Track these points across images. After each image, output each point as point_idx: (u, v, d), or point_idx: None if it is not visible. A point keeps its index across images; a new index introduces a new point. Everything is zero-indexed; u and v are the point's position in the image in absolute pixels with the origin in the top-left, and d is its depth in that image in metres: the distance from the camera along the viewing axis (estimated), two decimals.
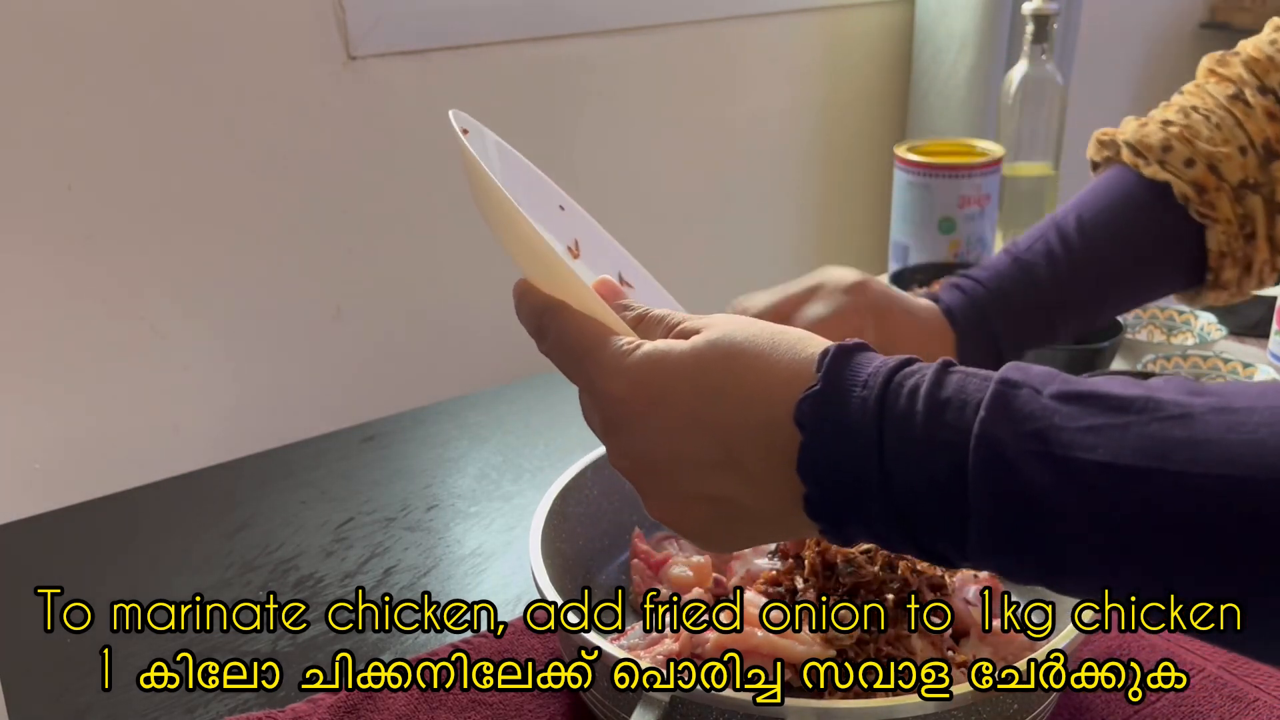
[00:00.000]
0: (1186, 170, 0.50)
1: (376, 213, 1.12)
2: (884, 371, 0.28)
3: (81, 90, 0.93)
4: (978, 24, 1.34)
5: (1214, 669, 0.45)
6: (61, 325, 0.97)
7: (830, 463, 0.27)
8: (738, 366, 0.29)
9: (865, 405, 0.27)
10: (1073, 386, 0.25)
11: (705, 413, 0.29)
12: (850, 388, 0.27)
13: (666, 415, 0.30)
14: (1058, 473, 0.24)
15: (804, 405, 0.27)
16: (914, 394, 0.27)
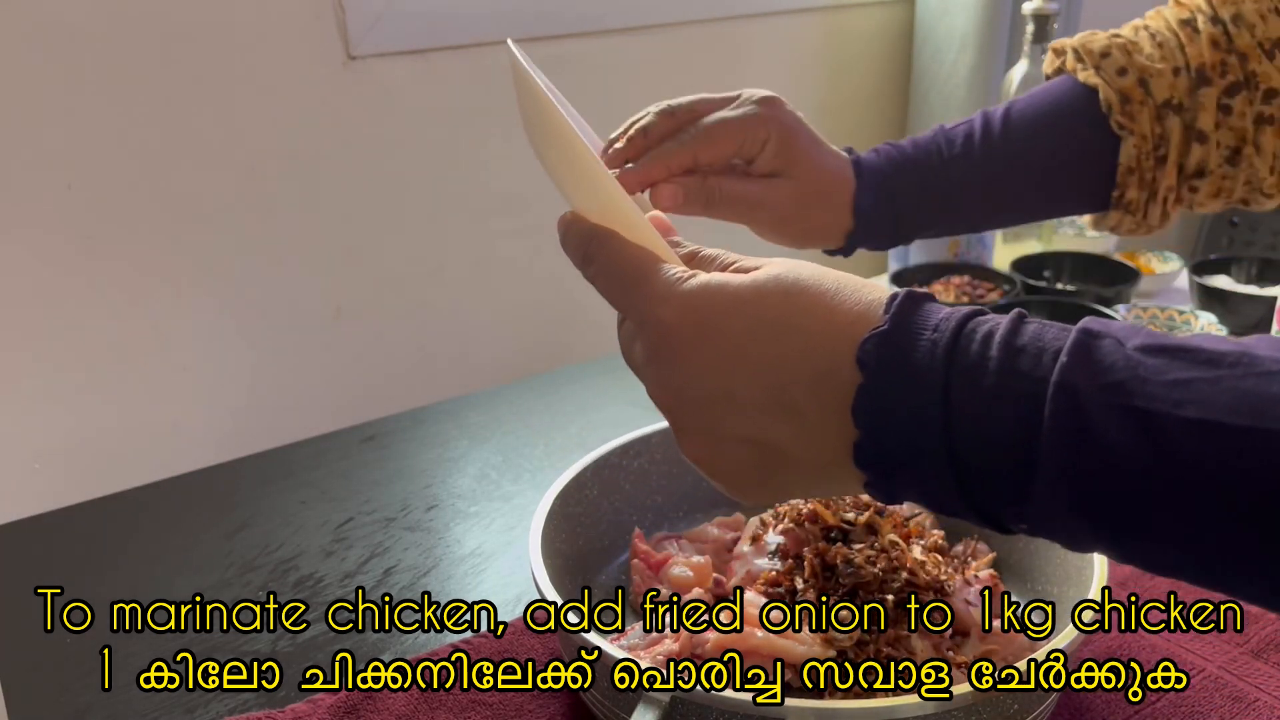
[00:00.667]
0: (1117, 78, 0.50)
1: (376, 212, 1.12)
2: (956, 318, 0.26)
3: (81, 90, 0.92)
4: (978, 24, 1.34)
5: (1214, 669, 0.45)
6: (61, 325, 0.97)
7: (889, 407, 0.25)
8: (800, 304, 0.27)
9: (934, 349, 0.25)
10: (1159, 340, 0.24)
11: (761, 349, 0.27)
12: (919, 331, 0.26)
13: (718, 349, 0.28)
14: (1142, 428, 0.22)
15: (868, 345, 0.26)
16: (987, 340, 0.25)
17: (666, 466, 0.54)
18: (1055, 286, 0.88)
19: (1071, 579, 0.45)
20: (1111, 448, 0.23)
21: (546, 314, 1.27)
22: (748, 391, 0.27)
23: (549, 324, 1.27)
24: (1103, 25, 0.55)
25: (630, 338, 0.32)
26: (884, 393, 0.26)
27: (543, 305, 1.26)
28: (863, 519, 0.46)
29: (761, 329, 0.27)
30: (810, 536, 0.46)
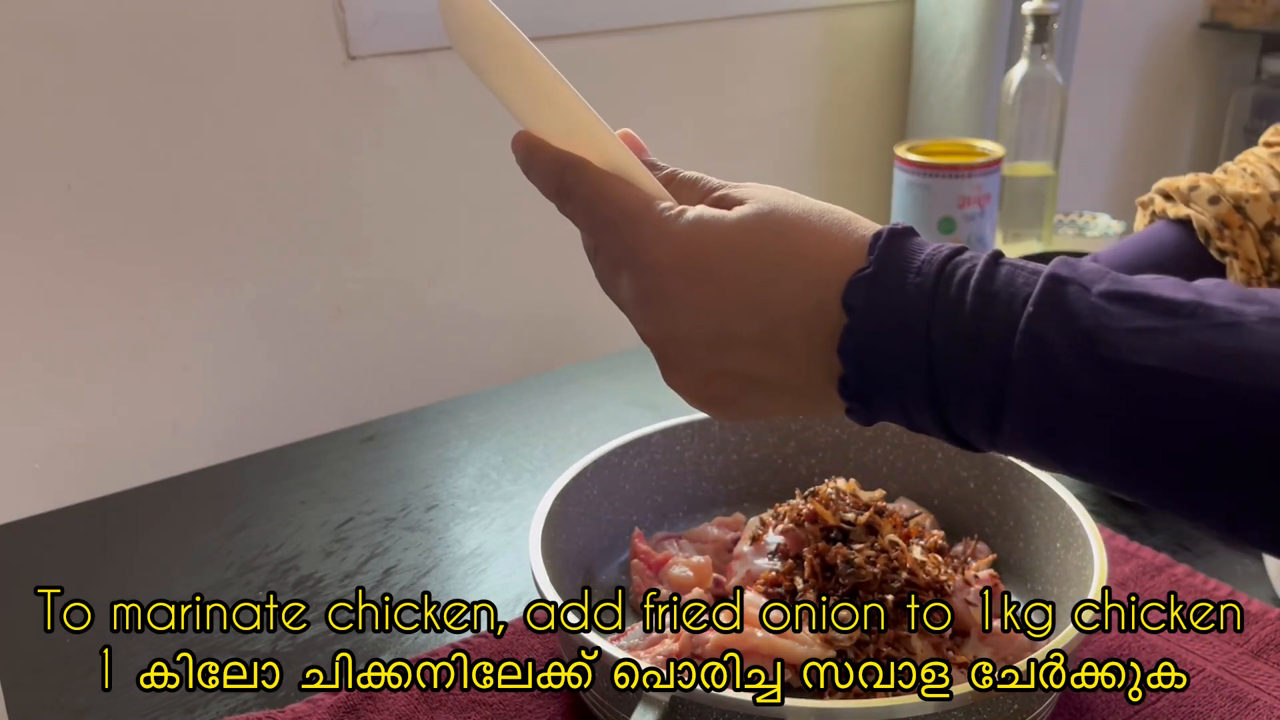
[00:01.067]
0: (1210, 207, 0.50)
1: (376, 212, 1.12)
2: (937, 260, 0.27)
3: (80, 90, 0.92)
4: (978, 24, 1.34)
5: (1214, 669, 0.45)
6: (61, 325, 0.97)
7: (874, 346, 0.27)
8: (791, 245, 0.28)
9: (918, 292, 0.27)
10: (1122, 286, 0.25)
11: (755, 291, 0.28)
12: (903, 273, 0.27)
13: (713, 290, 0.28)
14: (1104, 374, 0.24)
15: (855, 288, 0.27)
16: (964, 285, 0.26)
17: (666, 466, 0.54)
18: None
19: (1071, 579, 0.45)
20: (1074, 394, 0.24)
21: (546, 314, 1.27)
22: (744, 329, 0.29)
23: (549, 324, 1.27)
24: (1103, 25, 0.55)
25: (613, 272, 0.31)
26: (869, 334, 0.27)
27: (543, 305, 1.26)
28: (863, 519, 0.46)
29: (754, 271, 0.28)
30: (810, 537, 0.46)
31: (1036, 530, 0.49)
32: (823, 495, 0.48)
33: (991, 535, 0.52)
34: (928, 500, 0.54)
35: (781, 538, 0.46)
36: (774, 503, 0.51)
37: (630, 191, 0.31)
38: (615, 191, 0.30)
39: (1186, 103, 1.90)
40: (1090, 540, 0.44)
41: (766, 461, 0.56)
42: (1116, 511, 0.59)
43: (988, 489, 0.52)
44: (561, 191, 0.32)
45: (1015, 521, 0.51)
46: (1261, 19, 1.78)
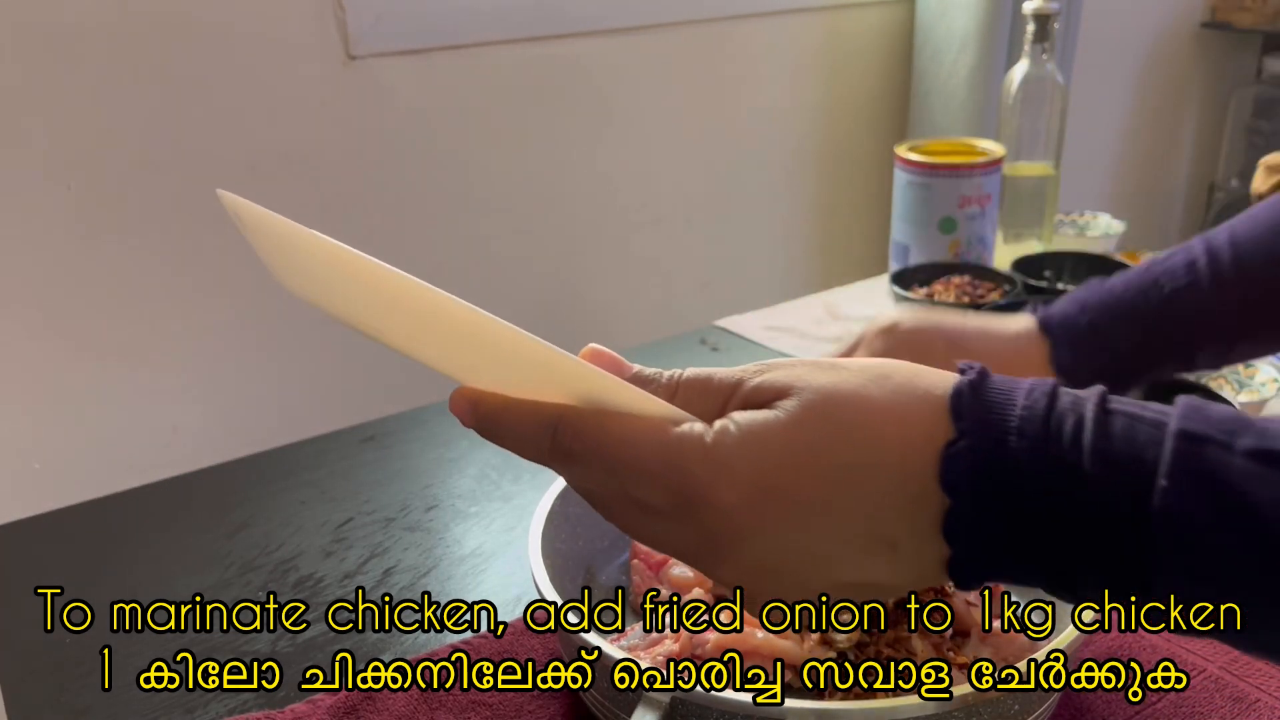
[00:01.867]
0: None
1: (376, 212, 1.12)
2: (1037, 416, 0.23)
3: (81, 90, 0.92)
4: (978, 23, 1.34)
5: (1215, 669, 0.45)
6: (61, 325, 0.97)
7: (985, 529, 0.24)
8: (864, 434, 0.24)
9: (1028, 461, 0.23)
10: (1270, 443, 0.21)
11: (840, 499, 0.24)
12: (1003, 438, 0.23)
13: (794, 511, 0.24)
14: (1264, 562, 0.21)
15: (952, 466, 0.23)
16: (1077, 446, 0.22)
17: None
18: (1056, 287, 0.88)
19: None
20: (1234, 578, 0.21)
21: (546, 313, 1.27)
22: (837, 546, 0.25)
23: (548, 324, 1.27)
24: (1104, 25, 0.55)
25: (662, 525, 0.26)
26: (979, 514, 0.24)
27: (543, 305, 1.26)
28: None
29: (833, 475, 0.24)
30: None
31: None
32: None
33: None
34: None
35: None
36: None
37: (650, 428, 0.24)
38: (634, 435, 0.24)
39: (1187, 102, 1.90)
40: None
41: None
42: None
43: None
44: (557, 454, 0.25)
45: None
46: (1262, 19, 1.78)
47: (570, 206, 1.25)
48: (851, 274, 1.33)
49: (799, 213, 1.46)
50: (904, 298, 0.82)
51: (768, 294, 1.39)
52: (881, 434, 0.24)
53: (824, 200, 1.48)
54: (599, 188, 1.26)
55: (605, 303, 1.31)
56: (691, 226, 1.36)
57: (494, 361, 0.24)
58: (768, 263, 1.46)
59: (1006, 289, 0.84)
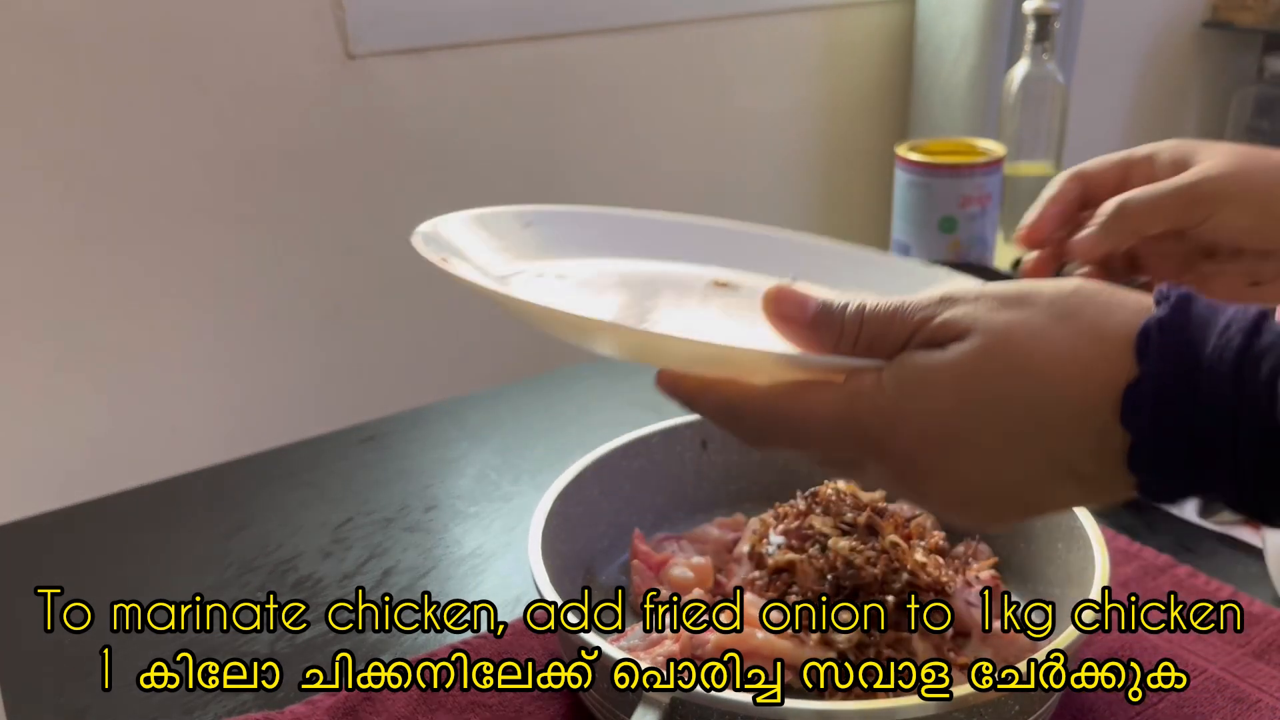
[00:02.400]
0: None
1: (376, 212, 1.12)
2: (1229, 357, 0.22)
3: (80, 90, 0.92)
4: (979, 23, 1.34)
5: (1215, 670, 0.45)
6: (61, 325, 0.97)
7: (1170, 465, 0.24)
8: (1042, 380, 0.24)
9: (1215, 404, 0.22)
10: None
11: (1021, 443, 0.25)
12: (1192, 378, 0.23)
13: (974, 453, 0.25)
14: None
15: (1135, 406, 0.23)
16: (1272, 386, 0.22)
17: (666, 467, 0.54)
18: None
19: (1072, 579, 0.45)
20: None
21: None
22: (1020, 479, 0.26)
23: None
24: (1105, 24, 0.55)
25: (860, 473, 0.28)
26: (1161, 451, 0.24)
27: None
28: (862, 519, 0.46)
29: (1008, 418, 0.25)
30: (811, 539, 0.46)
31: (1038, 531, 0.49)
32: (823, 496, 0.48)
33: (992, 536, 0.52)
34: None
35: (782, 538, 0.46)
36: (774, 503, 0.50)
37: (821, 397, 0.26)
38: (807, 408, 0.26)
39: (1188, 102, 1.90)
40: (1092, 541, 0.44)
41: (767, 462, 0.56)
42: (1119, 512, 0.59)
43: None
44: (745, 433, 0.28)
45: None
46: (1263, 18, 1.77)
47: (570, 205, 1.25)
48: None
49: (799, 212, 1.46)
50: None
51: None
52: (1063, 375, 0.24)
53: (824, 199, 1.48)
54: (599, 186, 1.26)
55: None
56: None
57: (690, 362, 0.28)
58: None
59: None
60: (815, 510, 0.47)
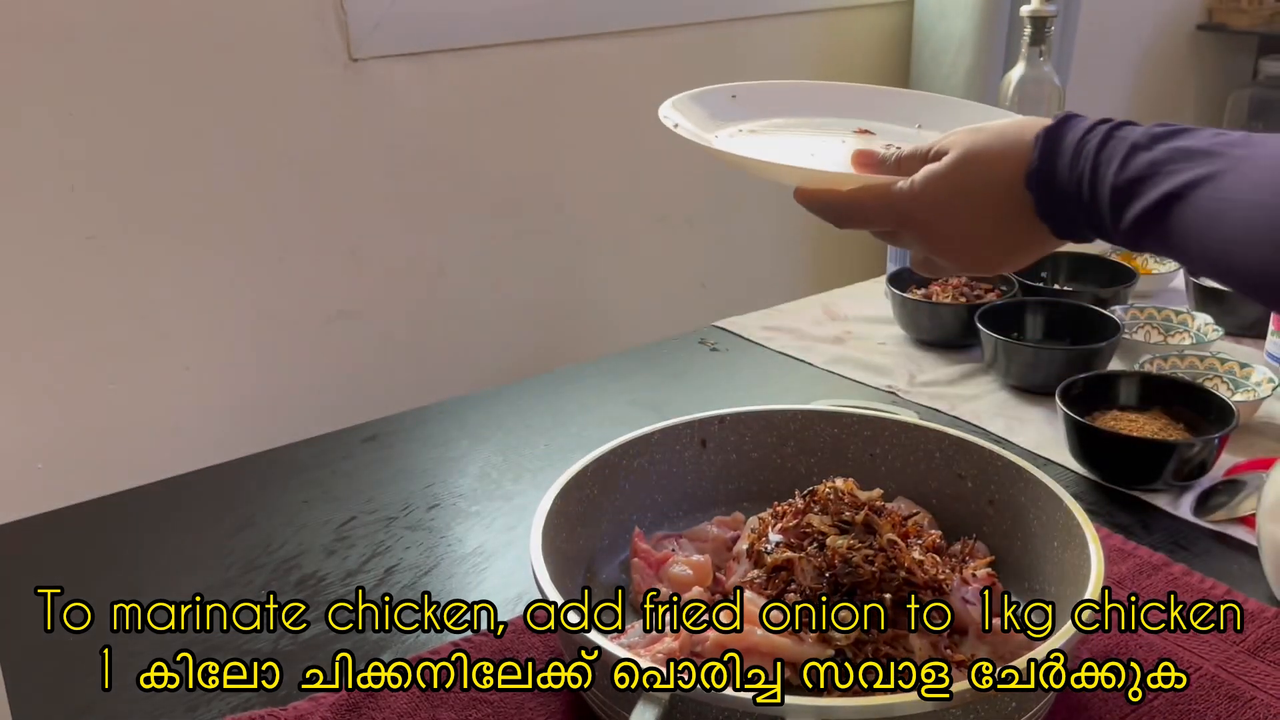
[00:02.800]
0: None
1: (378, 213, 1.12)
2: (1072, 146, 0.41)
3: (84, 92, 0.93)
4: (976, 26, 1.34)
5: (1211, 668, 0.46)
6: (63, 325, 0.97)
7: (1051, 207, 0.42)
8: (987, 169, 0.43)
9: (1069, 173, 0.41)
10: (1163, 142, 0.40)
11: (976, 205, 0.44)
12: (1058, 160, 0.42)
13: (953, 215, 0.45)
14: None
15: (1030, 179, 0.42)
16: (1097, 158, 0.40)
17: (666, 466, 0.55)
18: (1053, 287, 0.88)
19: (1069, 578, 0.45)
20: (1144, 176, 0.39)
21: (546, 314, 1.27)
22: (984, 225, 0.44)
23: (549, 324, 1.27)
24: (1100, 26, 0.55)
25: (898, 238, 0.48)
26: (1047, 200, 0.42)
27: (543, 305, 1.26)
28: (860, 518, 0.46)
29: (973, 195, 0.44)
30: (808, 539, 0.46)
31: (1034, 529, 0.49)
32: (821, 495, 0.48)
33: (989, 534, 0.52)
34: (926, 500, 0.54)
35: (781, 536, 0.47)
36: (773, 502, 0.51)
37: (877, 194, 0.46)
38: (871, 200, 0.46)
39: (1184, 104, 1.90)
40: (1087, 539, 0.44)
41: (765, 461, 0.57)
42: (1114, 510, 0.59)
43: (985, 488, 0.52)
44: (838, 218, 0.48)
45: (1013, 521, 0.51)
46: (1258, 21, 1.78)
47: (571, 208, 1.25)
48: (849, 275, 1.33)
49: (798, 214, 1.46)
50: (901, 299, 0.82)
51: (767, 294, 1.39)
52: (999, 167, 0.43)
53: None
54: (599, 189, 1.26)
55: (605, 302, 1.31)
56: (692, 227, 1.36)
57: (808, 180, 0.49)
58: (767, 263, 1.46)
59: (1003, 289, 0.84)
60: (813, 509, 0.47)
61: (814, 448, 0.56)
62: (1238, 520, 0.56)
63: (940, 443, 0.54)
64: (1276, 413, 0.69)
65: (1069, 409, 0.61)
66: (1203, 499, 0.58)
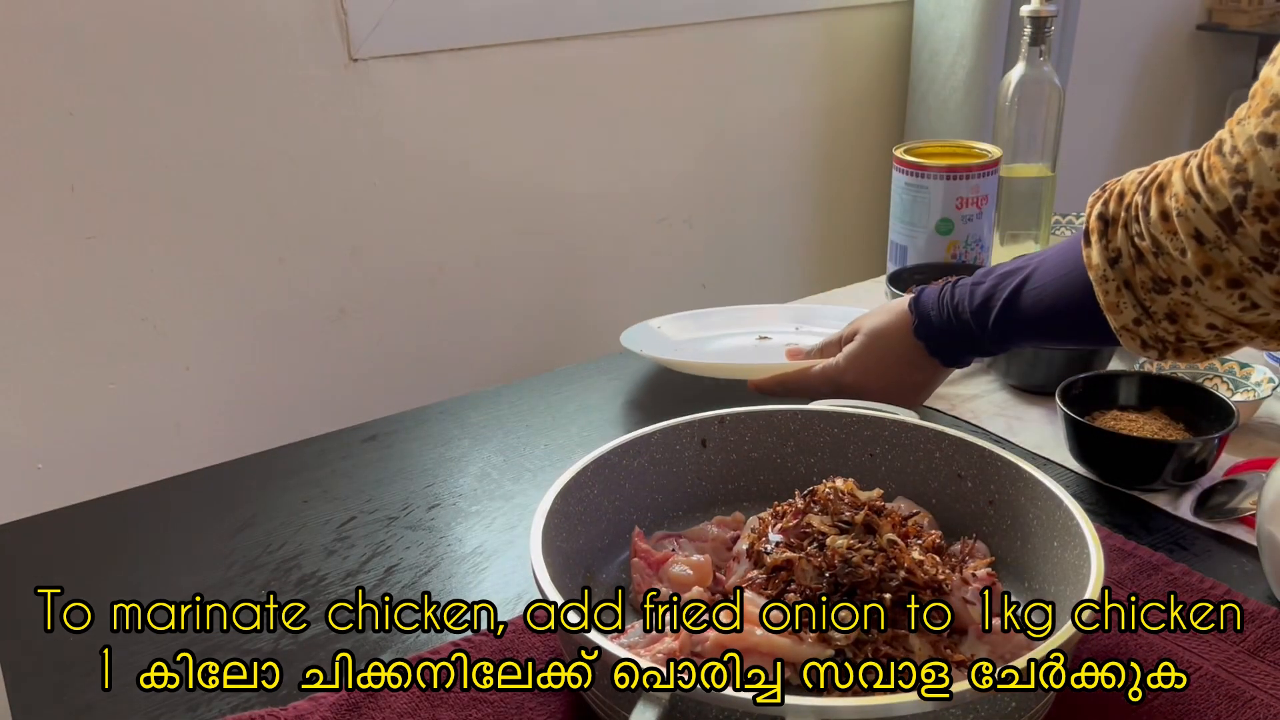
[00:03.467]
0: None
1: (378, 213, 1.12)
2: (943, 304, 0.62)
3: (84, 92, 0.93)
4: (976, 26, 1.34)
5: (1210, 667, 0.46)
6: (63, 325, 0.97)
7: (933, 345, 0.63)
8: (884, 340, 0.64)
9: (938, 317, 0.62)
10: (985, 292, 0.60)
11: (880, 364, 0.64)
12: (927, 313, 0.62)
13: (873, 371, 0.64)
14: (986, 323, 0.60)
15: (917, 331, 0.63)
16: (954, 305, 0.61)
17: (666, 466, 0.55)
18: None
19: (1069, 578, 0.45)
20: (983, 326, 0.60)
21: (546, 314, 1.27)
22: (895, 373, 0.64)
23: (549, 324, 1.27)
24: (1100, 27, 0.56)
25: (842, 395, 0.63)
26: (929, 344, 0.63)
27: (543, 305, 1.26)
28: (860, 518, 0.46)
29: (882, 357, 0.64)
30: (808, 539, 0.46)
31: (1034, 529, 0.49)
32: (821, 495, 0.48)
33: (989, 534, 0.52)
34: (925, 500, 0.54)
35: (781, 536, 0.47)
36: (773, 502, 0.51)
37: (816, 375, 0.67)
38: (813, 380, 0.67)
39: (1183, 104, 1.91)
40: (1087, 539, 0.44)
41: (765, 461, 0.57)
42: (1114, 510, 0.59)
43: (985, 488, 0.52)
44: (790, 395, 0.66)
45: (1012, 520, 0.51)
46: (1258, 21, 1.78)
47: (570, 208, 1.25)
48: (849, 275, 1.33)
49: (798, 214, 1.47)
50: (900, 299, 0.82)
51: (767, 294, 1.39)
52: (893, 334, 0.64)
53: (823, 201, 1.48)
54: (599, 189, 1.27)
55: (605, 303, 1.31)
56: (692, 227, 1.36)
57: (754, 374, 0.70)
58: (767, 263, 1.46)
59: None
60: (813, 509, 0.47)
61: (814, 448, 0.56)
62: (1238, 520, 0.56)
63: (940, 443, 0.54)
64: (1276, 413, 0.69)
65: (1069, 409, 0.61)
66: (1203, 499, 0.58)
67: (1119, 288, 0.51)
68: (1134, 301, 0.51)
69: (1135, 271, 0.50)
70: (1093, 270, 0.52)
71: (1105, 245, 0.51)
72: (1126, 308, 0.51)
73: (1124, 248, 0.50)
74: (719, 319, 0.81)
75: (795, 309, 0.85)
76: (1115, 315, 0.51)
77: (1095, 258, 0.51)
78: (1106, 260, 0.51)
